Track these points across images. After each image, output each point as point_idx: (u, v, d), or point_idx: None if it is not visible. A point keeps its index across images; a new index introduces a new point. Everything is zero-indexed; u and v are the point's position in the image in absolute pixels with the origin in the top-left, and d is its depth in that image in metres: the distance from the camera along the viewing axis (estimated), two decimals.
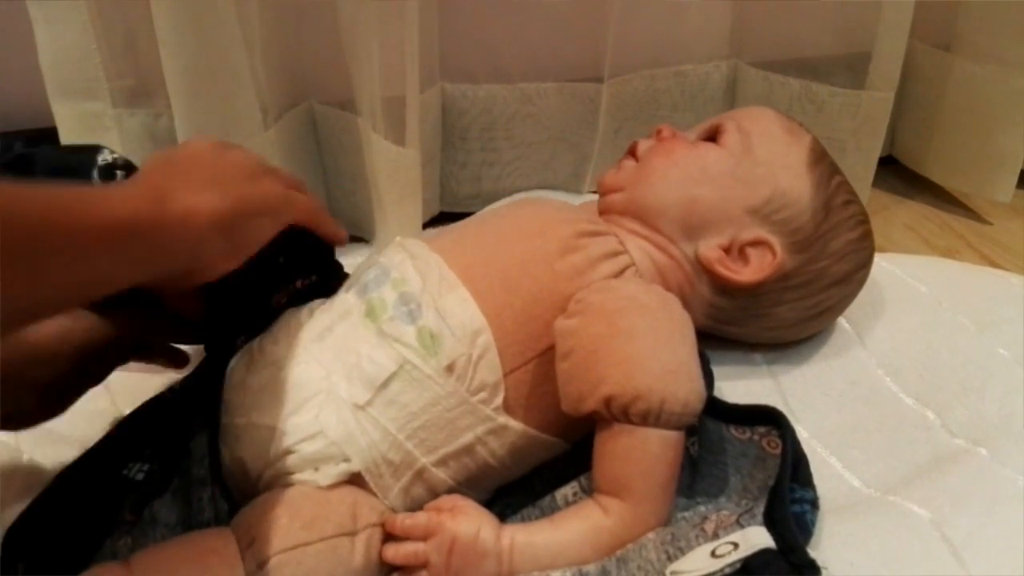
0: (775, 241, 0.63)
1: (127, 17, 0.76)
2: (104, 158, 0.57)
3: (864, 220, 0.68)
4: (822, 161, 0.67)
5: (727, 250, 0.64)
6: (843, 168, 0.96)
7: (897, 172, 1.09)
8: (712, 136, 0.67)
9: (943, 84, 1.00)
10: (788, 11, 0.97)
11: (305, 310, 0.59)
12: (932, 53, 1.01)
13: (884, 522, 0.54)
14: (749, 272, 0.63)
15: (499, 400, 0.54)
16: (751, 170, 0.64)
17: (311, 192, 0.58)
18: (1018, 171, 0.97)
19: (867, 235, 0.68)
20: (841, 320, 0.71)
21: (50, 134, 0.79)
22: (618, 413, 0.51)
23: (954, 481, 0.57)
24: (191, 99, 0.76)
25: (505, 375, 0.54)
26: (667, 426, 0.51)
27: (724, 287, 0.64)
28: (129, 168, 0.57)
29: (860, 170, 0.97)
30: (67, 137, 0.79)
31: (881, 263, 0.79)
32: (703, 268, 0.64)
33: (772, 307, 0.66)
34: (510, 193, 0.97)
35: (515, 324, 0.55)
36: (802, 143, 0.67)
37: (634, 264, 0.61)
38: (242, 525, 0.49)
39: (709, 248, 0.63)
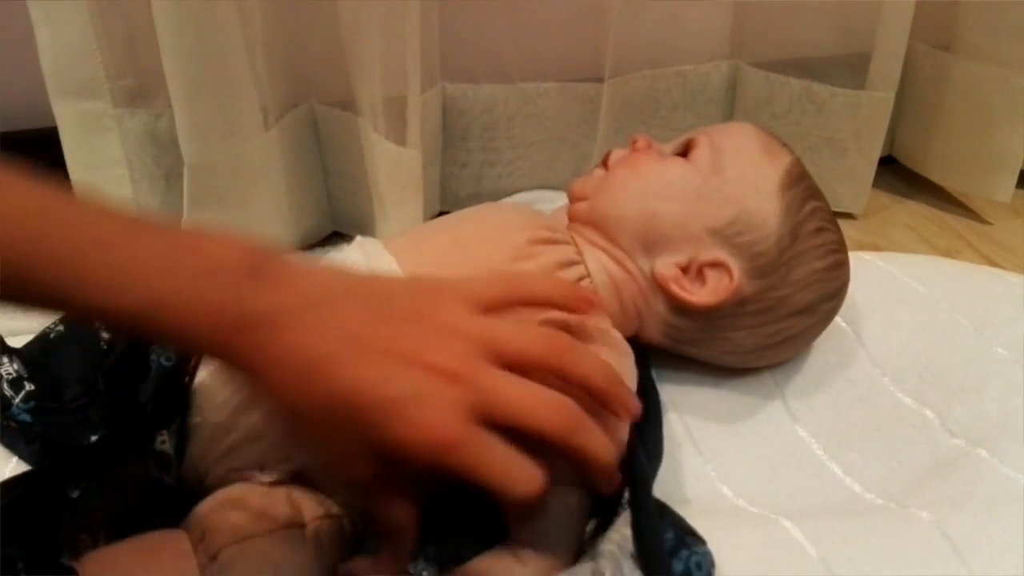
0: (734, 264, 0.61)
1: (127, 17, 0.76)
2: None
3: (837, 250, 0.65)
4: (797, 184, 0.64)
5: (685, 269, 0.62)
6: (843, 168, 0.97)
7: (897, 172, 1.09)
8: (685, 151, 0.65)
9: (943, 84, 1.00)
10: (788, 11, 0.97)
11: None
12: (932, 53, 1.01)
13: (884, 521, 0.54)
14: (704, 294, 0.61)
15: None
16: (718, 189, 0.62)
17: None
18: (1018, 171, 0.97)
19: (837, 265, 0.65)
20: (838, 320, 0.71)
21: (50, 134, 0.79)
22: None
23: (955, 487, 0.58)
24: (192, 99, 0.76)
25: None
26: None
27: (679, 306, 0.63)
28: None
29: (860, 170, 0.97)
30: (67, 137, 0.80)
31: (878, 262, 0.79)
32: (658, 285, 0.62)
33: (729, 331, 0.64)
34: (511, 193, 0.97)
35: None
36: (778, 164, 0.64)
37: (589, 276, 0.61)
38: (193, 521, 0.49)
39: (665, 266, 0.62)
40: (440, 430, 0.41)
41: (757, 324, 0.64)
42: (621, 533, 0.48)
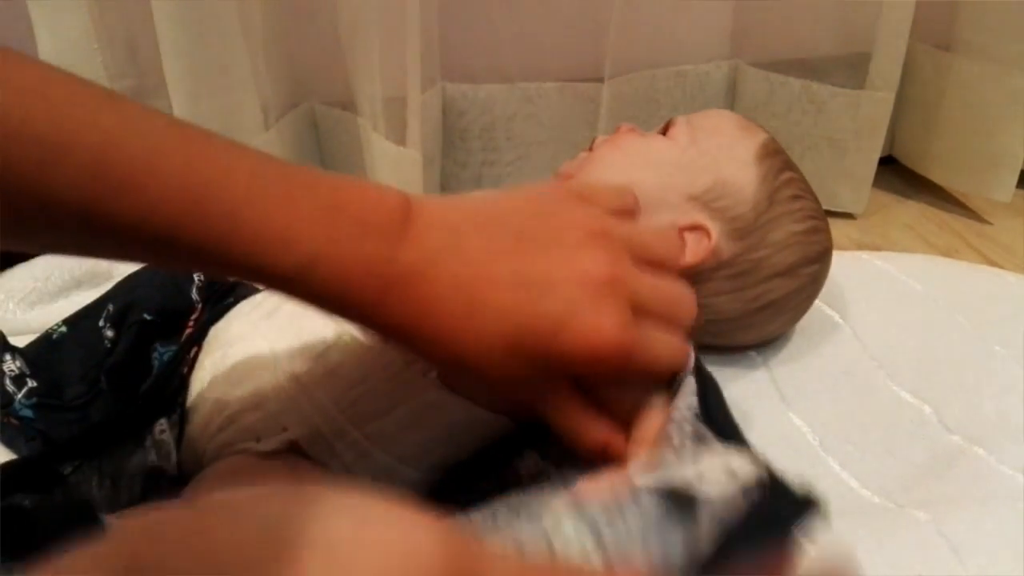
0: (712, 227, 0.63)
1: (128, 17, 0.77)
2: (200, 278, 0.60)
3: (814, 216, 0.67)
4: (774, 156, 0.66)
5: None
6: (843, 168, 0.97)
7: (897, 172, 1.09)
8: (665, 132, 0.68)
9: (943, 84, 1.00)
10: (788, 11, 0.97)
11: (261, 294, 0.60)
12: (932, 53, 1.01)
13: (881, 520, 0.54)
14: (684, 255, 0.62)
15: (435, 371, 0.53)
16: (695, 159, 0.64)
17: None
18: (1018, 171, 0.97)
19: (816, 231, 0.67)
20: (834, 316, 0.71)
21: None
22: None
23: (952, 485, 0.58)
24: (192, 99, 0.76)
25: None
26: None
27: None
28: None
29: (860, 170, 0.97)
30: None
31: (875, 261, 0.79)
32: None
33: (712, 296, 0.65)
34: None
35: None
36: (754, 139, 0.66)
37: None
38: (189, 491, 0.50)
39: None
40: (612, 334, 0.42)
41: (739, 287, 0.65)
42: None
